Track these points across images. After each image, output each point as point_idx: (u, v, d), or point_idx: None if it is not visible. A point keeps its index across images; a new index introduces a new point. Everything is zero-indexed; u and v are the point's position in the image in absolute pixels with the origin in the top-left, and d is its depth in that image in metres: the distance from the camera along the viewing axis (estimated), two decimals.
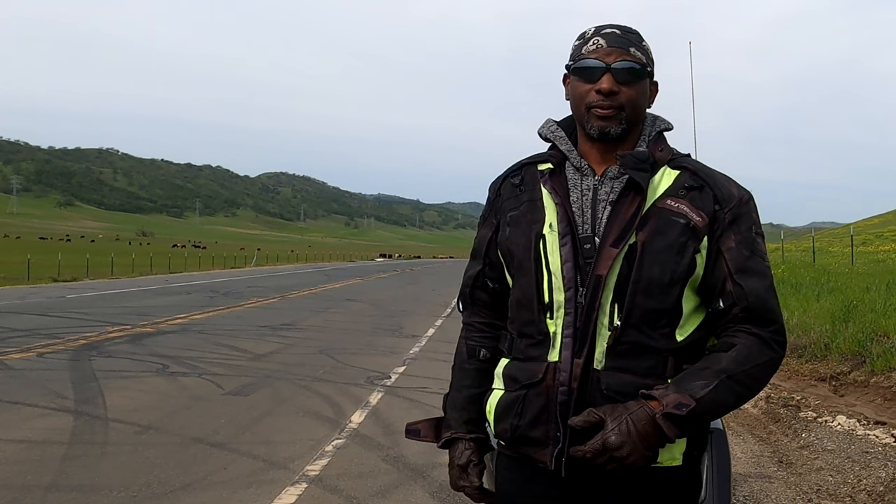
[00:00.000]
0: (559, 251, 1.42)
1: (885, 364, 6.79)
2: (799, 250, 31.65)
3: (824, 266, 18.58)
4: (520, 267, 1.47)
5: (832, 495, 4.07)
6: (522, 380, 1.44)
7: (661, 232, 1.39)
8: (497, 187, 1.58)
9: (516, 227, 1.49)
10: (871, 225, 51.45)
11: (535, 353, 1.44)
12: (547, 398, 1.40)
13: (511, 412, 1.46)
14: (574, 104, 1.49)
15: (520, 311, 1.48)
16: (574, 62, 1.48)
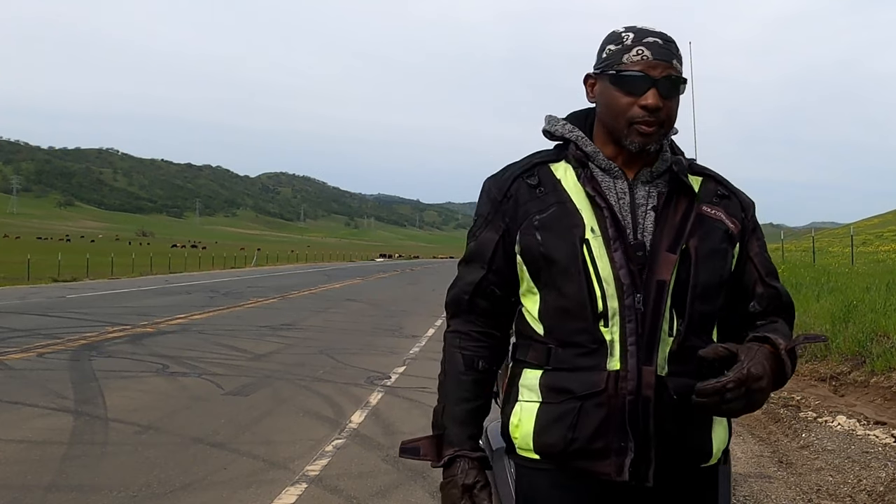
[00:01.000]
0: (609, 256, 1.38)
1: (885, 364, 6.79)
2: (799, 250, 31.66)
3: (824, 266, 18.59)
4: (564, 273, 1.40)
5: (832, 495, 4.07)
6: (579, 391, 1.38)
7: (707, 238, 1.44)
8: (506, 188, 1.47)
9: (551, 231, 1.41)
10: (871, 225, 51.46)
11: (589, 362, 1.38)
12: (609, 408, 1.37)
13: (562, 425, 1.39)
14: (610, 114, 1.43)
15: (565, 320, 1.41)
16: (616, 71, 1.41)
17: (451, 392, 1.49)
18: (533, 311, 1.46)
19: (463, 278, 1.52)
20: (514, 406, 1.46)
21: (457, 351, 1.50)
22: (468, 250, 1.52)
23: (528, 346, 1.47)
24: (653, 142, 1.43)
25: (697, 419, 1.42)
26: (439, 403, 1.50)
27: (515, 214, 1.45)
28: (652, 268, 1.39)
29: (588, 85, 1.49)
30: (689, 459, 1.43)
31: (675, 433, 1.38)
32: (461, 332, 1.51)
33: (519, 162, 1.51)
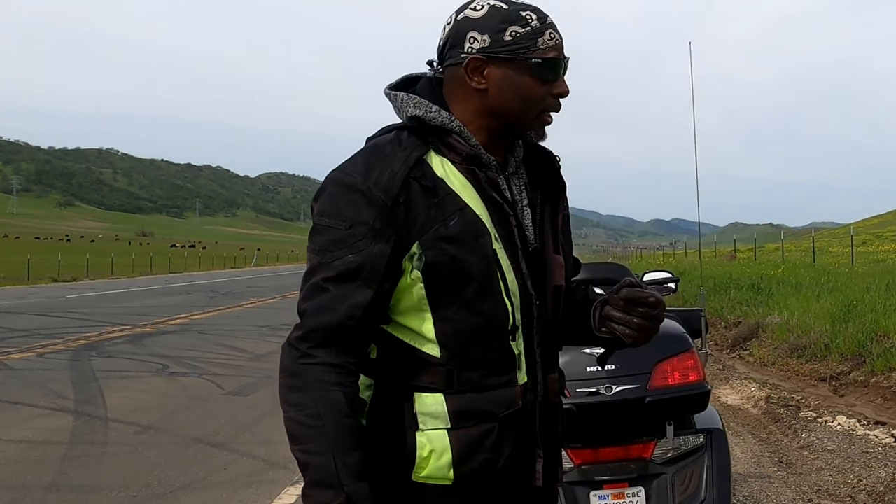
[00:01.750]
0: (514, 266, 1.26)
1: (885, 364, 6.79)
2: (799, 250, 31.66)
3: (824, 266, 18.58)
4: (481, 290, 1.23)
5: (832, 495, 4.07)
6: (497, 411, 1.26)
7: (567, 230, 1.40)
8: (396, 191, 1.20)
9: (462, 244, 1.21)
10: (871, 225, 51.46)
11: (500, 380, 1.27)
12: (524, 422, 1.29)
13: (484, 448, 1.26)
14: (520, 104, 1.26)
15: (477, 339, 1.25)
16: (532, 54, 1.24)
17: (339, 440, 1.19)
18: (423, 331, 1.26)
19: (344, 300, 1.20)
20: (416, 437, 1.26)
21: (336, 389, 1.21)
22: (345, 264, 1.20)
23: (416, 369, 1.27)
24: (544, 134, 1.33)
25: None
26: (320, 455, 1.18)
27: (411, 224, 1.21)
28: (547, 273, 1.31)
29: (472, 70, 1.25)
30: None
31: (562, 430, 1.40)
32: (336, 364, 1.22)
33: (396, 155, 1.23)
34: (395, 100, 1.30)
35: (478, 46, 1.24)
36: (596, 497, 2.39)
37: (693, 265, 22.86)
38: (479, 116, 1.28)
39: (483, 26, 1.24)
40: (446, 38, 1.28)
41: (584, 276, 2.79)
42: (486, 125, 1.28)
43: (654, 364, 2.39)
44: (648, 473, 2.42)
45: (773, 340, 9.19)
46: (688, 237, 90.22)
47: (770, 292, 12.44)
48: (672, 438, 2.42)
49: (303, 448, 1.20)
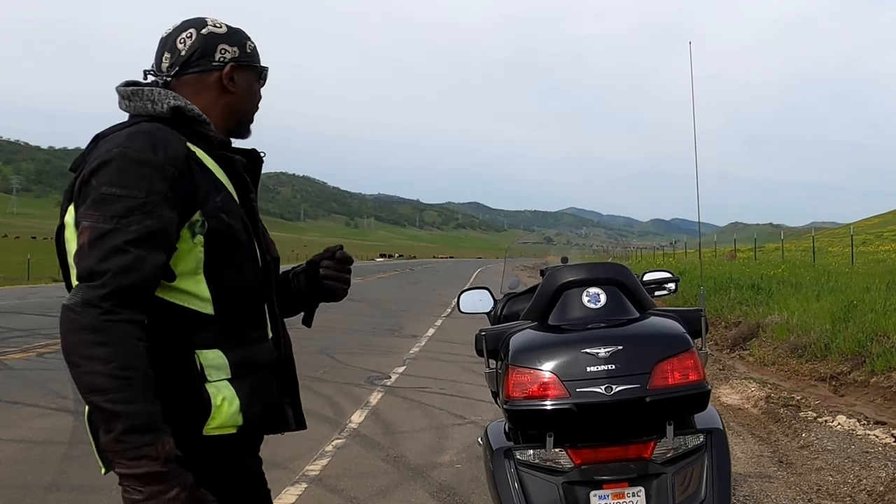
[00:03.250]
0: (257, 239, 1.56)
1: (885, 364, 6.79)
2: (799, 250, 31.65)
3: (824, 266, 18.58)
4: (246, 255, 1.50)
5: (832, 495, 4.07)
6: (263, 360, 1.52)
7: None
8: (182, 166, 1.39)
9: (231, 214, 1.46)
10: (871, 225, 51.44)
11: (258, 334, 1.54)
12: (278, 371, 1.58)
13: (260, 394, 1.49)
14: (251, 103, 1.61)
15: (243, 298, 1.49)
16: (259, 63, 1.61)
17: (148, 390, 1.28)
18: (199, 292, 1.42)
19: (147, 260, 1.32)
20: (206, 388, 1.40)
21: (141, 343, 1.29)
22: (145, 229, 1.32)
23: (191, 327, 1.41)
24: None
25: None
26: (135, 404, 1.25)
27: (193, 195, 1.40)
28: (269, 247, 1.61)
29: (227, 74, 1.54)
30: None
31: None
32: (138, 321, 1.31)
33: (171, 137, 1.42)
34: (150, 94, 1.47)
35: (229, 56, 1.54)
36: (596, 497, 2.39)
37: (693, 265, 22.85)
38: (221, 114, 1.55)
39: (231, 40, 1.55)
40: (192, 49, 1.52)
41: (584, 275, 2.79)
42: (224, 122, 1.56)
43: (655, 364, 2.39)
44: (648, 473, 2.42)
45: (773, 340, 9.19)
46: (688, 237, 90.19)
47: (770, 292, 12.44)
48: (672, 438, 2.42)
49: (113, 398, 1.24)
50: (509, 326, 2.80)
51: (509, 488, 2.43)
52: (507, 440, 2.59)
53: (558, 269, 2.92)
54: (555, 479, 2.42)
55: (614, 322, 2.66)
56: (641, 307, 2.78)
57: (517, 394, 2.42)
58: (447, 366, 8.43)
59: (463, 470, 4.52)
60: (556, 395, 2.37)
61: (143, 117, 1.46)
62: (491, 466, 2.55)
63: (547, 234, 10.05)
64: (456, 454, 4.88)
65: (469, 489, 4.16)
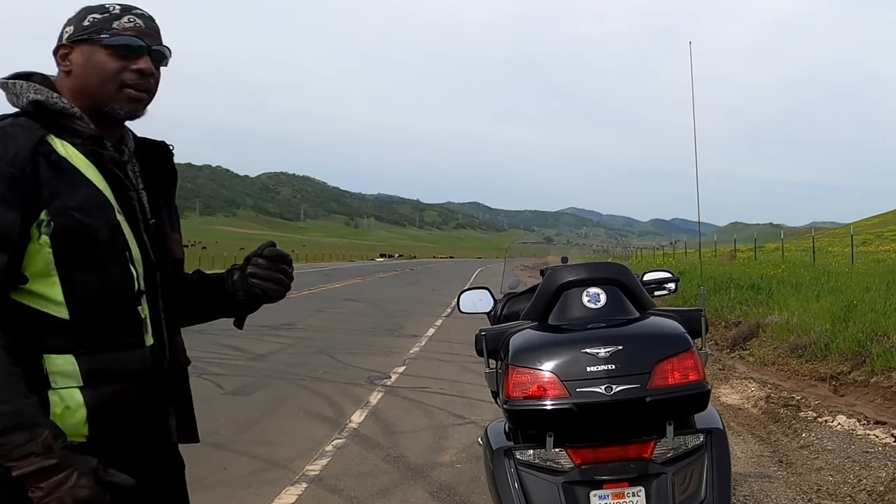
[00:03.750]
0: (136, 237, 1.45)
1: (885, 364, 6.79)
2: (799, 250, 31.66)
3: (824, 266, 18.58)
4: (108, 255, 1.39)
5: (832, 495, 4.07)
6: (129, 369, 1.40)
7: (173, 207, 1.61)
8: (23, 164, 1.32)
9: (88, 213, 1.36)
10: (871, 225, 51.44)
11: (129, 340, 1.42)
12: (154, 381, 1.46)
13: (117, 404, 1.38)
14: (99, 81, 1.43)
15: (107, 302, 1.39)
16: (109, 36, 1.43)
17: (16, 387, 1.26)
18: (51, 295, 1.35)
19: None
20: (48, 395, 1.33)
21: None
22: None
23: (42, 331, 1.35)
24: (141, 107, 1.48)
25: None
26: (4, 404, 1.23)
27: (38, 194, 1.33)
28: (167, 247, 1.52)
29: (60, 56, 1.46)
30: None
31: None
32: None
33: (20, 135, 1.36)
34: (12, 88, 1.42)
35: (66, 36, 1.45)
36: (596, 497, 2.39)
37: (693, 265, 22.86)
38: (73, 99, 1.44)
39: (72, 20, 1.46)
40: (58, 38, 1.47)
41: (584, 275, 2.79)
42: (83, 107, 1.44)
43: (654, 364, 2.39)
44: (648, 473, 2.42)
45: (773, 340, 9.19)
46: (688, 237, 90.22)
47: (770, 292, 12.44)
48: (672, 438, 2.42)
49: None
50: (509, 326, 2.80)
51: (509, 488, 2.44)
52: (507, 440, 2.59)
53: (558, 268, 2.92)
54: (555, 479, 2.42)
55: (614, 322, 2.66)
56: (641, 307, 2.78)
57: (517, 394, 2.42)
58: (447, 366, 8.43)
59: (463, 470, 4.52)
60: (556, 395, 2.37)
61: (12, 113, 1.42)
62: (491, 466, 2.55)
63: (547, 234, 10.06)
64: (456, 454, 4.88)
65: (469, 489, 4.16)
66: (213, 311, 1.69)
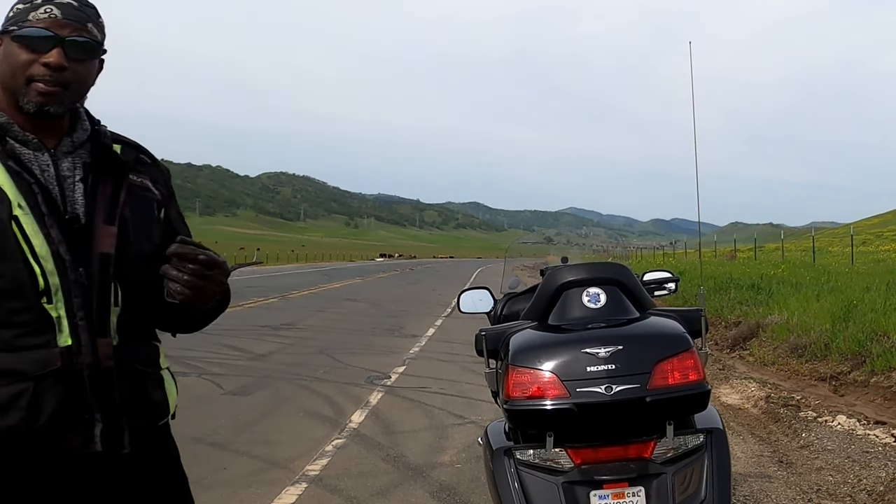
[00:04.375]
0: (43, 233, 1.34)
1: (885, 364, 6.79)
2: (799, 250, 31.67)
3: (824, 266, 18.58)
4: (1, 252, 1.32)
5: (832, 495, 4.07)
6: (31, 371, 1.32)
7: (138, 206, 1.48)
8: None
9: None
10: (871, 225, 51.44)
11: (36, 341, 1.33)
12: (67, 383, 1.34)
13: (19, 406, 1.31)
14: (10, 73, 1.38)
15: (4, 300, 1.32)
16: (17, 27, 1.37)
17: None
18: None
19: None
20: None
21: None
22: None
23: None
24: (54, 103, 1.39)
25: (153, 380, 1.48)
26: None
27: None
28: (92, 241, 1.39)
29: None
30: (150, 419, 1.48)
31: (136, 397, 1.43)
32: None
33: None
34: None
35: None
36: (596, 497, 2.39)
37: (693, 265, 22.86)
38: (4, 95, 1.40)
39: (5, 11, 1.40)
40: None
41: (584, 275, 2.79)
42: (8, 103, 1.39)
43: (654, 364, 2.39)
44: (648, 473, 2.42)
45: (773, 340, 9.19)
46: (688, 237, 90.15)
47: (770, 292, 12.44)
48: (672, 438, 2.42)
49: None
50: (509, 326, 2.80)
51: (509, 488, 2.44)
52: (507, 440, 2.59)
53: (558, 268, 2.92)
54: (555, 479, 2.42)
55: (614, 322, 2.66)
56: (641, 307, 2.78)
57: (517, 394, 2.42)
58: (447, 366, 8.43)
59: (463, 470, 4.52)
60: (556, 394, 2.37)
61: None
62: (491, 466, 2.55)
63: (547, 234, 10.05)
64: (456, 454, 4.89)
65: (469, 489, 4.16)
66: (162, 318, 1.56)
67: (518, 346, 2.55)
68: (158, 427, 1.53)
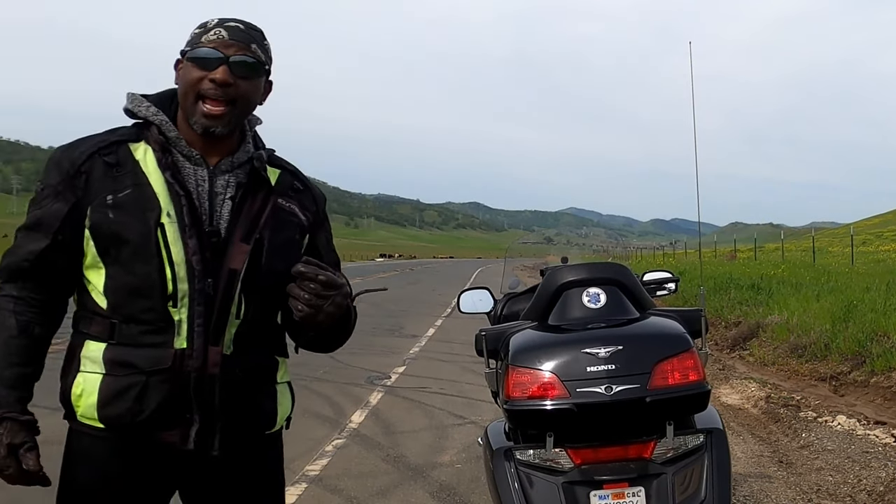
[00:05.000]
0: (183, 241, 1.44)
1: (885, 364, 6.79)
2: (799, 250, 31.67)
3: (824, 266, 18.58)
4: (136, 254, 1.44)
5: (832, 495, 4.07)
6: (145, 366, 1.44)
7: (281, 229, 1.56)
8: (79, 163, 1.47)
9: (124, 211, 1.44)
10: (871, 225, 51.45)
11: (155, 340, 1.45)
12: (174, 383, 1.45)
13: (127, 397, 1.44)
14: (183, 90, 1.50)
15: (134, 298, 1.45)
16: (191, 49, 1.49)
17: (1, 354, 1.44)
18: (98, 285, 1.48)
19: (24, 246, 1.48)
20: (76, 376, 1.49)
21: (10, 315, 1.45)
22: (31, 218, 1.48)
23: (91, 319, 1.49)
24: (219, 124, 1.48)
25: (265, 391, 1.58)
26: None
27: (88, 190, 1.45)
28: (225, 256, 1.48)
29: (177, 69, 1.53)
30: (255, 428, 1.57)
31: (242, 406, 1.52)
32: (17, 297, 1.47)
33: (95, 137, 1.51)
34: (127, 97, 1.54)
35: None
36: (596, 497, 2.39)
37: (693, 265, 22.85)
38: (181, 112, 1.52)
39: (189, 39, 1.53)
40: None
41: (584, 275, 2.79)
42: (183, 119, 1.52)
43: (654, 364, 2.39)
44: (648, 473, 2.41)
45: (773, 340, 9.19)
46: (688, 237, 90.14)
47: (770, 292, 12.44)
48: (672, 438, 2.42)
49: None
50: (509, 326, 2.80)
51: (509, 488, 2.43)
52: (507, 440, 2.59)
53: (558, 269, 2.92)
54: (555, 479, 2.42)
55: (614, 322, 2.66)
56: (641, 307, 2.78)
57: (517, 394, 2.42)
58: (447, 366, 8.43)
59: (463, 470, 4.52)
60: (556, 395, 2.37)
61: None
62: (491, 466, 2.55)
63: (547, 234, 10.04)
64: (456, 454, 4.89)
65: (469, 489, 4.16)
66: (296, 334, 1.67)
67: (518, 347, 2.54)
68: (265, 435, 1.60)
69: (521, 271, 20.95)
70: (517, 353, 2.51)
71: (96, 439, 1.50)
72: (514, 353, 2.51)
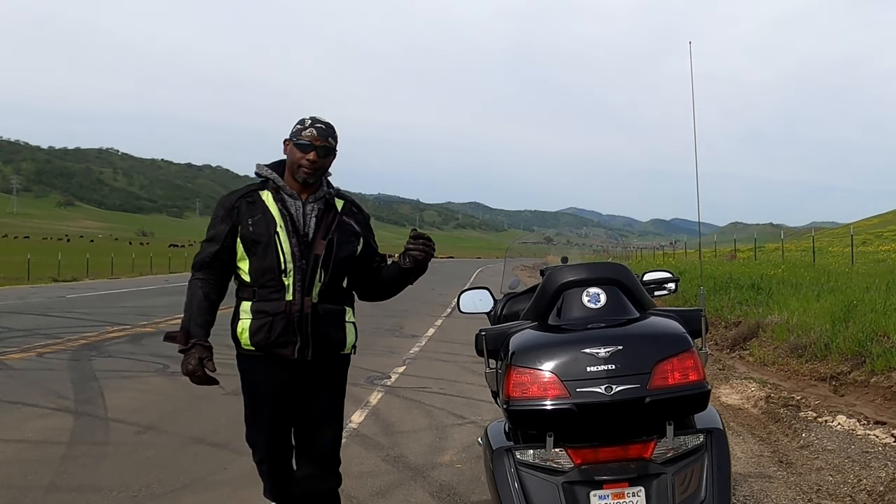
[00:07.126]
0: (289, 241, 2.67)
1: (885, 364, 6.79)
2: (799, 250, 31.65)
3: (824, 266, 18.57)
4: (266, 249, 2.66)
5: (832, 495, 4.07)
6: (271, 311, 2.66)
7: (343, 233, 2.78)
8: (232, 204, 2.73)
9: (258, 225, 2.67)
10: (871, 225, 51.42)
11: (276, 296, 2.67)
12: (287, 320, 2.66)
13: (263, 330, 2.67)
14: (290, 161, 2.72)
15: (265, 273, 2.67)
16: (295, 139, 2.70)
17: (196, 309, 2.68)
18: (245, 269, 2.73)
19: (205, 250, 2.74)
20: (238, 322, 2.72)
21: (199, 289, 2.71)
22: (209, 234, 2.75)
23: (243, 288, 2.74)
24: (311, 179, 2.70)
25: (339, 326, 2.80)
26: (186, 315, 2.67)
27: (238, 218, 2.71)
28: (312, 247, 2.70)
29: (285, 144, 2.76)
30: (334, 348, 2.79)
31: (325, 333, 2.73)
32: (203, 278, 2.73)
33: (241, 189, 2.78)
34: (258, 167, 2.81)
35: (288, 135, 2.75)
36: (596, 497, 2.39)
37: (693, 265, 22.85)
38: (287, 171, 2.76)
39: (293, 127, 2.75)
40: None
41: (584, 275, 2.79)
42: (288, 175, 2.76)
43: (654, 364, 2.39)
44: (648, 473, 2.41)
45: (773, 340, 9.19)
46: (688, 237, 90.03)
47: (770, 292, 12.43)
48: (672, 438, 2.42)
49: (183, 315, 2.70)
50: (509, 326, 2.80)
51: (509, 488, 2.43)
52: (507, 440, 2.59)
53: (558, 269, 2.91)
54: (555, 479, 2.41)
55: (614, 322, 2.65)
56: (641, 307, 2.78)
57: (517, 394, 2.42)
58: (447, 366, 8.43)
59: (463, 470, 4.52)
60: (556, 395, 2.37)
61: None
62: (491, 466, 2.55)
63: (547, 233, 10.02)
64: (456, 454, 4.89)
65: (469, 489, 4.16)
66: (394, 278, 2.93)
67: (518, 347, 2.54)
68: (340, 355, 2.84)
69: (521, 271, 20.94)
70: (517, 353, 2.51)
71: (251, 357, 2.75)
72: (515, 353, 2.51)
